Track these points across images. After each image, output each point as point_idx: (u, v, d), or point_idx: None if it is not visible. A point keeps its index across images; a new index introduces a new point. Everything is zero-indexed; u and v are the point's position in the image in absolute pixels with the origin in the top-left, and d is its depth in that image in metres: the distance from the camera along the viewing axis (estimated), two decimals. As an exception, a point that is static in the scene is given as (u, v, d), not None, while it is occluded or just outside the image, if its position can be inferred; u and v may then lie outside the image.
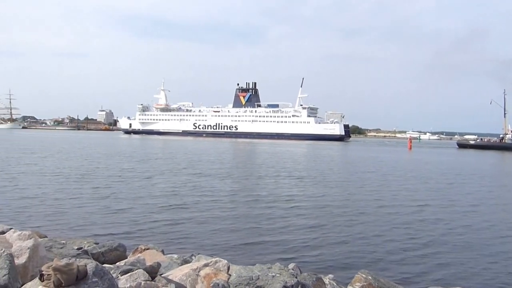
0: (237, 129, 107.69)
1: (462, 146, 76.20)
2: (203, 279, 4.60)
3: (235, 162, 30.45)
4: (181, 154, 36.22)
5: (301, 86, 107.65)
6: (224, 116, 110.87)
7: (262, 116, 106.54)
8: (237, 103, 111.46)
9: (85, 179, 17.27)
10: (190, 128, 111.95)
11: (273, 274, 4.47)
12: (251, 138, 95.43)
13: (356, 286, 5.23)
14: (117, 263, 5.43)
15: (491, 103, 78.81)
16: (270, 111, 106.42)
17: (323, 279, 5.44)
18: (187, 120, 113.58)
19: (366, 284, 5.19)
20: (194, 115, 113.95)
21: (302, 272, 5.76)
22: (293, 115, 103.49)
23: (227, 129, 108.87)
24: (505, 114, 76.16)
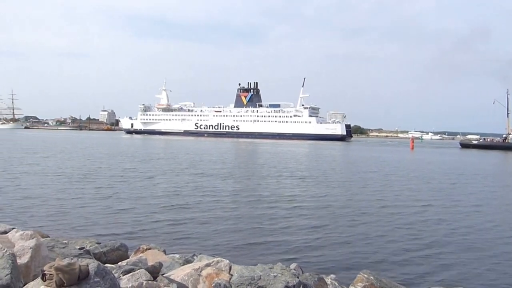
0: (238, 129, 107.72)
1: (465, 146, 75.95)
2: (205, 279, 4.59)
3: (237, 162, 30.45)
4: (182, 154, 36.26)
5: (302, 86, 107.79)
6: (225, 116, 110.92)
7: (264, 116, 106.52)
8: (238, 103, 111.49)
9: (87, 179, 17.31)
10: (192, 128, 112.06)
11: (274, 274, 4.46)
12: (253, 138, 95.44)
13: (358, 286, 5.21)
14: (119, 263, 5.43)
15: (494, 103, 78.62)
16: (272, 111, 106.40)
17: (325, 279, 5.42)
18: (189, 120, 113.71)
19: (368, 284, 5.17)
20: (196, 115, 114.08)
21: (304, 272, 5.74)
22: (294, 115, 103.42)
23: (229, 129, 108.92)
24: (508, 113, 75.95)
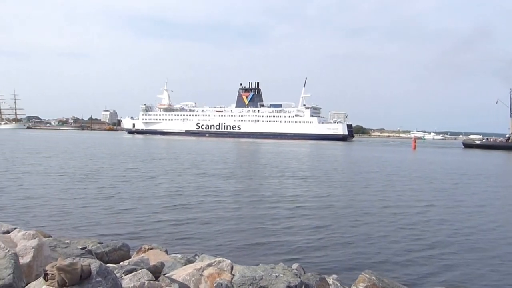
0: (240, 129, 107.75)
1: (468, 146, 75.69)
2: (207, 279, 4.59)
3: (239, 162, 30.45)
4: (184, 154, 36.29)
5: (304, 85, 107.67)
6: (227, 116, 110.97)
7: (265, 116, 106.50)
8: (240, 103, 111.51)
9: (89, 179, 17.35)
10: (193, 128, 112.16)
11: (276, 274, 4.45)
12: (254, 138, 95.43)
13: (360, 286, 5.19)
14: (121, 263, 5.43)
15: (497, 103, 78.34)
16: (273, 111, 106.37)
17: (327, 279, 5.41)
18: (190, 120, 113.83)
19: (370, 284, 5.15)
20: (197, 115, 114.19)
21: (305, 272, 5.73)
22: (296, 115, 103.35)
23: (230, 129, 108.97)
24: (511, 113, 75.64)
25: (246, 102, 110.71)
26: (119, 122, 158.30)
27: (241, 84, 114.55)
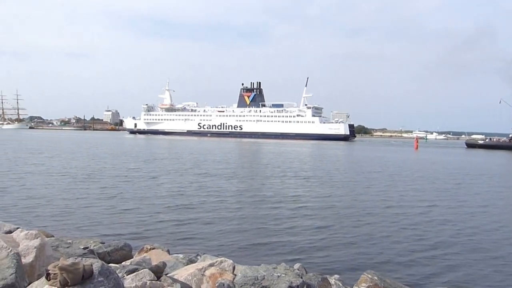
0: (241, 129, 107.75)
1: (471, 146, 75.40)
2: (209, 279, 4.58)
3: (241, 162, 30.45)
4: (186, 154, 36.32)
5: (305, 85, 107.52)
6: (228, 116, 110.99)
7: (267, 116, 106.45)
8: (241, 103, 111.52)
9: (91, 179, 17.39)
10: (195, 128, 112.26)
11: (278, 274, 4.44)
12: (256, 138, 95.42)
13: (362, 286, 5.17)
14: (123, 263, 5.44)
15: (500, 103, 78.01)
16: (275, 111, 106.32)
17: (329, 280, 5.40)
18: (192, 120, 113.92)
19: (372, 284, 5.13)
20: (199, 115, 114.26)
21: (307, 272, 5.72)
22: (297, 115, 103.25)
23: (232, 129, 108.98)
24: (514, 113, 75.31)
25: (248, 102, 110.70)
26: (121, 122, 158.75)
27: (242, 84, 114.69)
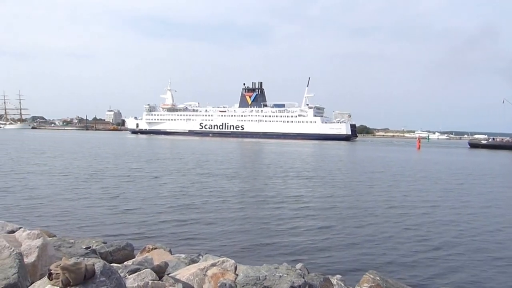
0: (243, 129, 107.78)
1: (474, 146, 75.13)
2: (210, 279, 4.58)
3: (243, 162, 30.45)
4: (188, 154, 36.36)
5: (307, 85, 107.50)
6: (230, 116, 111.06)
7: (268, 116, 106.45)
8: (243, 103, 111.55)
9: (94, 179, 17.43)
10: (197, 128, 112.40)
11: (280, 274, 4.43)
12: (257, 138, 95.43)
13: (364, 286, 5.16)
14: (124, 263, 5.44)
15: (504, 102, 77.67)
16: (276, 111, 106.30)
17: (331, 280, 5.38)
18: (194, 120, 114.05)
19: (374, 285, 5.12)
20: (201, 115, 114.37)
21: (309, 272, 5.70)
22: (299, 115, 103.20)
23: (233, 129, 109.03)
24: (518, 113, 75.04)
25: (249, 102, 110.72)
26: (123, 122, 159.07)
27: (244, 84, 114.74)
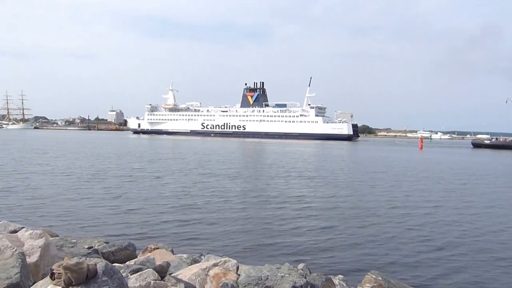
0: (245, 129, 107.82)
1: (477, 145, 74.83)
2: (212, 279, 4.57)
3: (245, 162, 30.44)
4: (190, 154, 36.39)
5: (309, 85, 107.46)
6: (232, 116, 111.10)
7: (270, 115, 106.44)
8: (245, 103, 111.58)
9: (96, 179, 17.46)
10: (198, 128, 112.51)
11: (282, 274, 4.42)
12: (259, 138, 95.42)
13: (366, 287, 5.13)
14: (127, 262, 5.43)
15: (507, 102, 77.34)
16: (278, 111, 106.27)
17: (333, 280, 5.36)
18: (195, 120, 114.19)
19: (376, 285, 5.09)
20: (202, 115, 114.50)
21: (311, 272, 5.68)
22: (301, 115, 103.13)
23: (235, 129, 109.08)
24: (521, 113, 74.78)
25: (251, 102, 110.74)
26: (125, 122, 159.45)
27: (246, 84, 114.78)
